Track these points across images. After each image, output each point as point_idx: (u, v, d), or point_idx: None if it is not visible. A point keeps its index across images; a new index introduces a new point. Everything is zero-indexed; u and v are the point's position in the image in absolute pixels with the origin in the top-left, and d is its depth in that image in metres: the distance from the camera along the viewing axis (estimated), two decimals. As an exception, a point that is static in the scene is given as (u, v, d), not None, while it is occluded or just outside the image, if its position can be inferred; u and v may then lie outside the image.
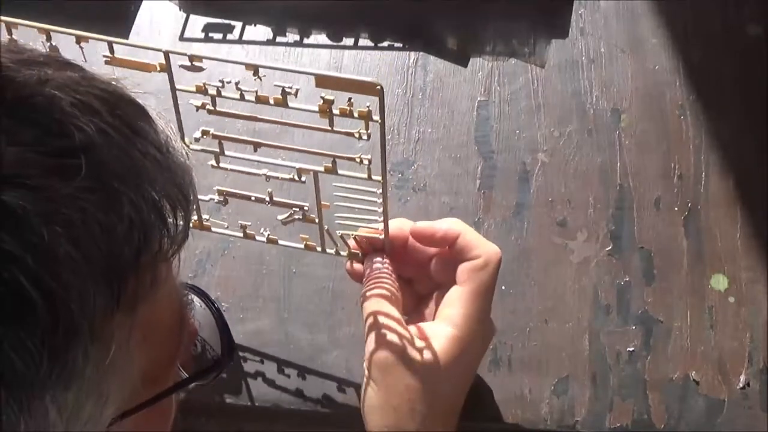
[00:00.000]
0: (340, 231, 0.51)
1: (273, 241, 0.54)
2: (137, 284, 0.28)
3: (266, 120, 0.47)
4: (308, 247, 0.53)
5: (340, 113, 0.42)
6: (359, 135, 0.44)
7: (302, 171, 0.48)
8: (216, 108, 0.45)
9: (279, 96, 0.43)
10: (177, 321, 0.36)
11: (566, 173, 0.64)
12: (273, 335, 0.59)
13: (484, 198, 0.63)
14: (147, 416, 0.33)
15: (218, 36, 0.71)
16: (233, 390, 0.57)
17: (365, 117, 0.43)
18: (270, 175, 0.49)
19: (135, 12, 0.72)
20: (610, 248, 0.61)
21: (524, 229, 0.62)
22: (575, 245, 0.61)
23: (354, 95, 0.41)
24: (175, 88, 0.44)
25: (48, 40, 0.41)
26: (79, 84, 0.29)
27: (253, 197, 0.51)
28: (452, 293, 0.49)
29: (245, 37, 0.71)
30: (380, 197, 0.47)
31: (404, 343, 0.46)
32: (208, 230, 0.54)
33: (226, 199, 0.52)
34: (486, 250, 0.48)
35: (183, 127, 0.47)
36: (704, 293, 0.59)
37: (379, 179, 0.46)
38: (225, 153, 0.48)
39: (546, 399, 0.56)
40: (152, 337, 0.32)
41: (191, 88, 0.44)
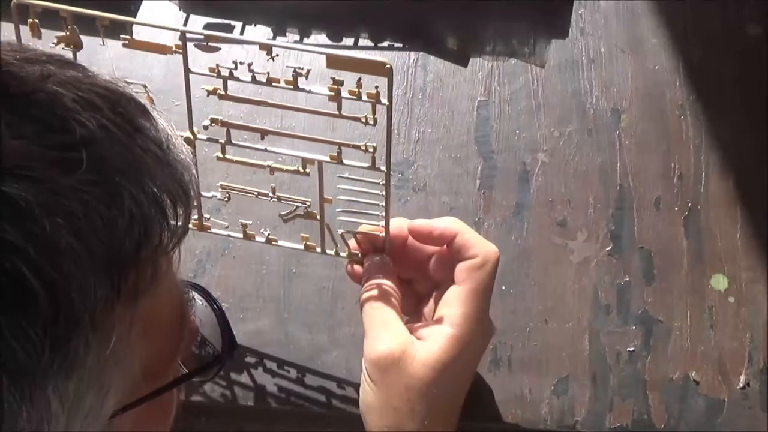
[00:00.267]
0: (341, 229, 0.51)
1: (272, 242, 0.54)
2: (138, 277, 0.29)
3: (275, 105, 0.47)
4: (308, 248, 0.53)
5: (350, 95, 0.43)
6: (366, 120, 0.44)
7: (307, 161, 0.48)
8: (227, 93, 0.46)
9: (290, 78, 0.43)
10: (177, 316, 0.36)
11: (566, 173, 0.64)
12: (273, 335, 0.59)
13: (484, 198, 0.63)
14: (148, 411, 0.33)
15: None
16: (233, 390, 0.57)
17: (374, 98, 0.43)
18: (274, 167, 0.49)
19: (135, 12, 0.72)
20: (610, 248, 0.61)
21: (524, 229, 0.62)
22: (575, 245, 0.61)
23: (363, 82, 0.42)
24: (189, 70, 0.45)
25: (69, 24, 0.42)
26: (81, 82, 0.29)
27: (256, 192, 0.51)
28: (450, 293, 0.49)
29: (245, 37, 0.71)
30: (383, 189, 0.47)
31: (403, 343, 0.46)
32: (208, 230, 0.54)
33: (229, 196, 0.52)
34: (484, 250, 0.48)
35: (192, 115, 0.47)
36: (704, 293, 0.59)
37: (383, 169, 0.46)
38: (232, 142, 0.49)
39: (546, 399, 0.57)
40: (153, 332, 0.32)
41: (204, 71, 0.45)
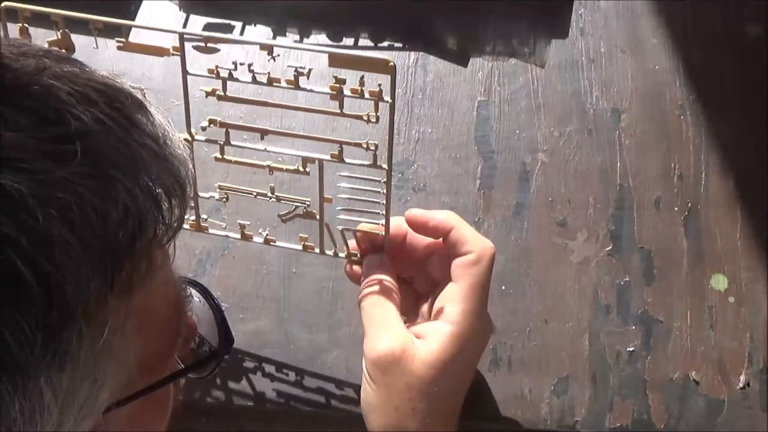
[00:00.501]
0: (341, 226, 0.51)
1: (270, 242, 0.54)
2: (132, 269, 0.29)
3: (275, 105, 0.47)
4: (306, 248, 0.53)
5: (352, 93, 0.43)
6: (368, 118, 0.44)
7: (307, 160, 0.48)
8: (226, 93, 0.45)
9: (290, 78, 0.43)
10: (174, 312, 0.36)
11: (566, 173, 0.64)
12: (273, 335, 0.59)
13: (484, 198, 0.63)
14: (144, 406, 0.33)
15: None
16: (233, 390, 0.57)
17: (376, 96, 0.43)
18: (274, 167, 0.49)
19: (135, 12, 0.72)
20: (610, 248, 0.61)
21: (524, 229, 0.62)
22: (575, 245, 0.61)
23: (365, 80, 0.42)
24: (187, 72, 0.45)
25: (60, 28, 0.42)
26: (78, 76, 0.29)
27: (255, 193, 0.51)
28: (448, 290, 0.49)
29: (245, 37, 0.71)
30: (383, 188, 0.47)
31: (403, 342, 0.46)
32: (206, 231, 0.53)
33: (227, 196, 0.52)
34: (479, 246, 0.48)
35: (190, 116, 0.47)
36: (704, 293, 0.59)
37: (385, 167, 0.46)
38: (231, 143, 0.48)
39: (546, 399, 0.56)
40: (149, 326, 0.32)
41: (203, 72, 0.45)
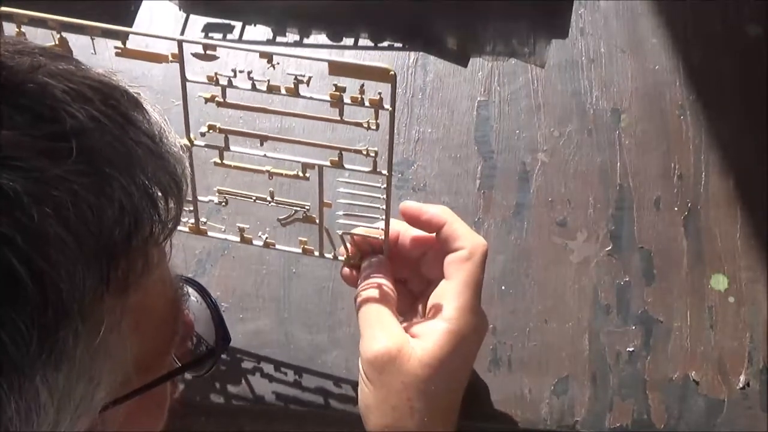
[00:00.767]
0: (341, 230, 0.51)
1: (270, 245, 0.54)
2: (128, 268, 0.29)
3: (274, 111, 0.47)
4: (306, 252, 0.53)
5: (352, 101, 0.43)
6: (368, 125, 0.44)
7: (307, 166, 0.48)
8: (225, 99, 0.45)
9: (290, 85, 0.43)
10: (171, 310, 0.36)
11: (566, 173, 0.64)
12: (273, 335, 0.59)
13: (484, 198, 0.63)
14: (140, 405, 0.33)
15: (218, 36, 0.71)
16: (233, 390, 0.57)
17: (376, 104, 0.43)
18: (273, 172, 0.49)
19: (135, 12, 0.72)
20: (610, 248, 0.61)
21: (524, 229, 0.62)
22: (575, 245, 0.61)
23: (365, 87, 0.42)
24: (186, 79, 0.44)
25: (58, 32, 0.42)
26: (73, 74, 0.29)
27: (255, 197, 0.51)
28: (441, 288, 0.48)
29: (245, 37, 0.71)
30: (383, 193, 0.47)
31: (399, 342, 0.46)
32: (205, 234, 0.53)
33: (226, 200, 0.52)
34: (471, 242, 0.48)
35: (189, 122, 0.47)
36: (704, 293, 0.59)
37: (385, 173, 0.46)
38: (230, 148, 0.48)
39: (546, 399, 0.56)
40: (145, 325, 0.32)
41: (202, 79, 0.44)
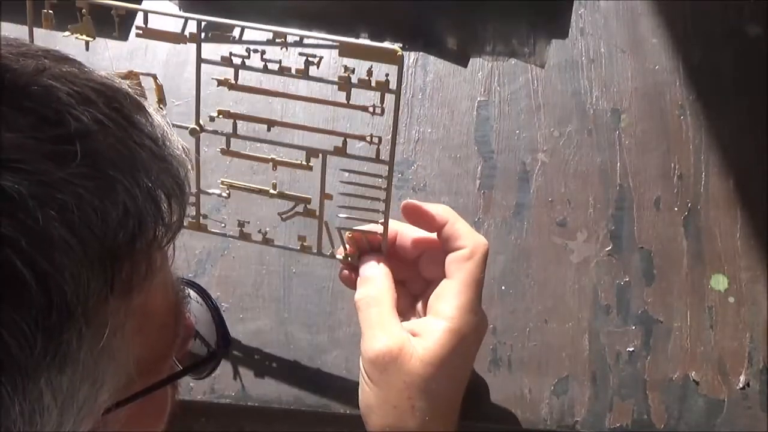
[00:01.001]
0: (339, 225, 0.51)
1: (269, 242, 0.54)
2: (132, 271, 0.29)
3: (286, 95, 0.48)
4: (304, 249, 0.53)
5: (359, 83, 0.44)
6: (373, 108, 0.44)
7: (311, 154, 0.48)
8: (237, 83, 0.46)
9: (300, 67, 0.44)
10: (172, 313, 0.36)
11: (566, 173, 0.64)
12: (273, 335, 0.59)
13: (484, 198, 0.63)
14: (142, 408, 0.33)
15: (218, 34, 0.71)
16: (233, 390, 0.57)
17: (382, 86, 0.43)
18: (278, 161, 0.50)
19: (135, 12, 0.72)
20: (610, 248, 0.61)
21: (524, 229, 0.62)
22: (575, 245, 0.61)
23: (372, 72, 0.43)
24: (201, 59, 0.46)
25: (87, 13, 0.43)
26: (77, 77, 0.29)
27: (257, 189, 0.51)
28: (442, 287, 0.49)
29: (245, 37, 0.71)
30: (384, 183, 0.47)
31: (401, 341, 0.46)
32: (205, 231, 0.53)
33: (229, 193, 0.52)
34: (472, 241, 0.48)
35: (200, 106, 0.48)
36: (704, 293, 0.59)
37: (386, 161, 0.46)
38: (237, 134, 0.49)
39: (546, 399, 0.57)
40: (148, 327, 0.32)
41: (213, 66, 0.46)
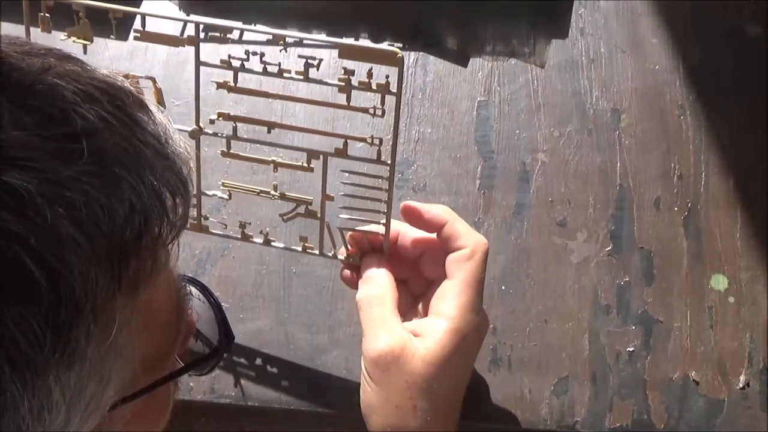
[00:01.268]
0: (341, 226, 0.51)
1: (270, 242, 0.54)
2: (138, 268, 0.29)
3: (284, 96, 0.48)
4: (306, 249, 0.53)
5: (359, 85, 0.43)
6: (374, 111, 0.44)
7: (312, 155, 0.48)
8: (236, 85, 0.46)
9: (301, 68, 0.44)
10: (175, 310, 0.36)
11: (566, 173, 0.64)
12: (273, 335, 0.59)
13: (484, 198, 0.63)
14: (146, 404, 0.34)
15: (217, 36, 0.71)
16: (233, 390, 0.57)
17: (383, 88, 0.44)
18: (279, 163, 0.50)
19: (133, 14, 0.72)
20: (610, 248, 0.61)
21: (524, 229, 0.62)
22: (575, 245, 0.61)
23: (372, 75, 0.43)
24: (200, 62, 0.45)
25: (83, 15, 0.43)
26: (80, 75, 0.30)
27: (258, 190, 0.51)
28: (443, 287, 0.49)
29: (245, 38, 0.71)
30: (385, 184, 0.47)
31: (402, 341, 0.46)
32: (207, 232, 0.53)
33: (230, 195, 0.52)
34: (472, 240, 0.48)
35: (200, 107, 0.48)
36: (704, 293, 0.59)
37: (388, 162, 0.46)
38: (237, 136, 0.49)
39: (546, 399, 0.57)
40: (152, 324, 0.33)
41: (216, 59, 0.46)
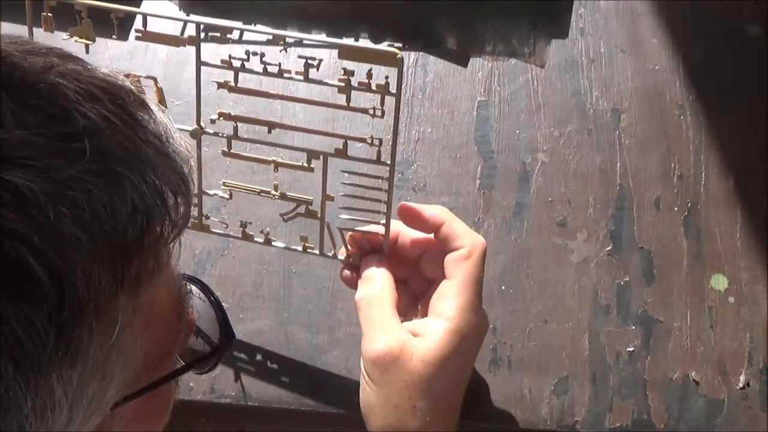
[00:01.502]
0: (341, 226, 0.51)
1: (270, 242, 0.54)
2: (140, 267, 0.29)
3: (284, 97, 0.48)
4: (306, 249, 0.53)
5: (359, 86, 0.44)
6: (374, 111, 0.44)
7: (312, 155, 0.48)
8: (237, 85, 0.46)
9: (301, 69, 0.44)
10: (176, 309, 0.36)
11: (566, 173, 0.64)
12: (273, 335, 0.59)
13: (484, 198, 0.63)
14: (147, 403, 0.34)
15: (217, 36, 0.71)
16: (233, 390, 0.57)
17: (382, 89, 0.44)
18: (279, 163, 0.50)
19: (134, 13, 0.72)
20: (610, 248, 0.61)
21: (524, 229, 0.62)
22: (575, 245, 0.61)
23: (372, 76, 0.43)
24: (201, 62, 0.46)
25: (84, 16, 0.43)
26: (81, 74, 0.30)
27: (259, 190, 0.51)
28: (442, 287, 0.49)
29: (245, 38, 0.71)
30: (385, 184, 0.47)
31: (402, 341, 0.46)
32: (207, 231, 0.54)
33: (231, 194, 0.52)
34: (470, 240, 0.48)
35: (200, 107, 0.48)
36: (704, 293, 0.59)
37: (388, 162, 0.46)
38: (238, 136, 0.49)
39: (546, 399, 0.57)
40: (154, 323, 0.33)
41: (216, 59, 0.46)
